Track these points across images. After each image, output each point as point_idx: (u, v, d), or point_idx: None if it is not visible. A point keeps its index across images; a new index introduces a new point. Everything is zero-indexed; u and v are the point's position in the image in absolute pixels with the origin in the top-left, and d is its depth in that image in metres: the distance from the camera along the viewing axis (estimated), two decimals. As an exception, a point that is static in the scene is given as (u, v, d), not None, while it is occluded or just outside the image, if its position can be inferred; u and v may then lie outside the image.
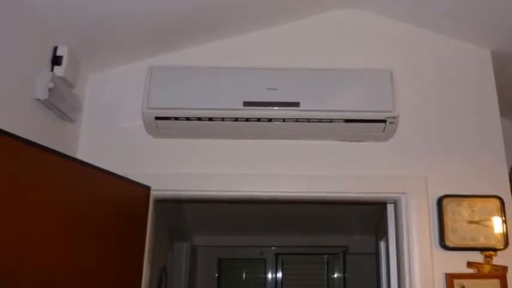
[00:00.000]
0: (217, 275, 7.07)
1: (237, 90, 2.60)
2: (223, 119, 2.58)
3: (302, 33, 3.01)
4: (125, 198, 2.56)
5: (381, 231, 3.38)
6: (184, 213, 5.42)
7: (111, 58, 2.90)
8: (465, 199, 2.67)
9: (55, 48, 2.50)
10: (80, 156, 2.68)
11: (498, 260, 2.60)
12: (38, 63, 2.41)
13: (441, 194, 2.69)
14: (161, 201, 2.89)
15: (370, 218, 4.12)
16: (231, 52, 2.97)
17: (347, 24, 3.03)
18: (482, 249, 2.61)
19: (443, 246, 2.61)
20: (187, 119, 2.58)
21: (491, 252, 2.60)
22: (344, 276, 6.86)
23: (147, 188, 2.65)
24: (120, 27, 2.66)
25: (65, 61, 2.49)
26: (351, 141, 2.79)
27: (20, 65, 2.26)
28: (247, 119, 2.57)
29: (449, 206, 2.66)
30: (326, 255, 7.10)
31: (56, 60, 2.47)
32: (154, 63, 2.75)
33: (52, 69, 2.46)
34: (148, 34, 2.79)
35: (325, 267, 7.11)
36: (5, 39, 2.13)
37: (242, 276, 7.23)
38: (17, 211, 1.89)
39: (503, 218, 2.63)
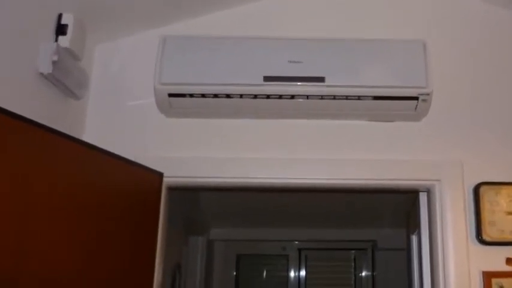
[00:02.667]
0: (235, 272, 7.07)
1: (257, 63, 2.55)
2: (241, 96, 2.54)
3: None
4: (135, 186, 2.52)
5: (412, 224, 3.35)
6: (200, 204, 5.39)
7: (121, 26, 2.85)
8: (504, 187, 2.62)
9: (59, 16, 2.43)
10: (86, 137, 2.64)
11: (540, 256, 2.54)
12: (41, 33, 2.36)
13: (478, 181, 2.64)
14: (175, 190, 2.87)
15: (400, 209, 4.08)
16: (250, 21, 2.92)
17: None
18: (522, 244, 2.56)
19: (480, 240, 2.57)
20: (203, 95, 2.54)
21: (533, 248, 2.55)
22: (373, 274, 6.84)
23: (160, 175, 2.61)
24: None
25: (70, 30, 2.42)
26: (379, 121, 2.74)
27: (21, 35, 2.20)
28: (268, 96, 2.53)
29: (486, 195, 2.61)
30: (353, 251, 7.08)
31: (61, 30, 2.41)
32: (167, 32, 2.71)
33: (56, 40, 2.41)
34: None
35: (352, 264, 7.09)
36: (3, 5, 2.07)
37: (263, 273, 7.23)
38: (16, 201, 1.85)
39: (546, 209, 2.57)
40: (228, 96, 2.54)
